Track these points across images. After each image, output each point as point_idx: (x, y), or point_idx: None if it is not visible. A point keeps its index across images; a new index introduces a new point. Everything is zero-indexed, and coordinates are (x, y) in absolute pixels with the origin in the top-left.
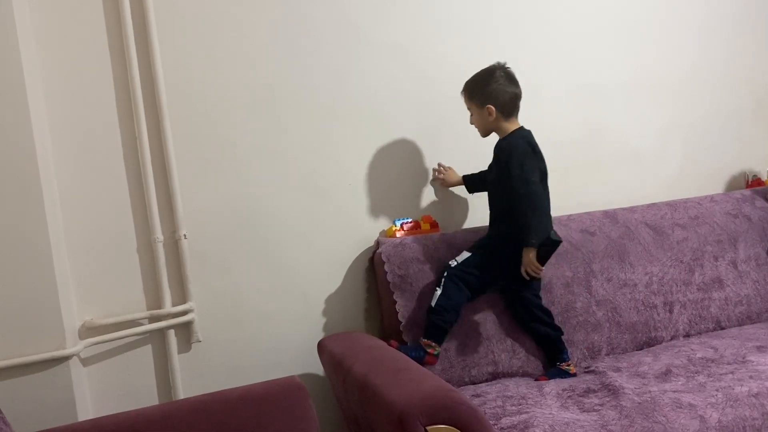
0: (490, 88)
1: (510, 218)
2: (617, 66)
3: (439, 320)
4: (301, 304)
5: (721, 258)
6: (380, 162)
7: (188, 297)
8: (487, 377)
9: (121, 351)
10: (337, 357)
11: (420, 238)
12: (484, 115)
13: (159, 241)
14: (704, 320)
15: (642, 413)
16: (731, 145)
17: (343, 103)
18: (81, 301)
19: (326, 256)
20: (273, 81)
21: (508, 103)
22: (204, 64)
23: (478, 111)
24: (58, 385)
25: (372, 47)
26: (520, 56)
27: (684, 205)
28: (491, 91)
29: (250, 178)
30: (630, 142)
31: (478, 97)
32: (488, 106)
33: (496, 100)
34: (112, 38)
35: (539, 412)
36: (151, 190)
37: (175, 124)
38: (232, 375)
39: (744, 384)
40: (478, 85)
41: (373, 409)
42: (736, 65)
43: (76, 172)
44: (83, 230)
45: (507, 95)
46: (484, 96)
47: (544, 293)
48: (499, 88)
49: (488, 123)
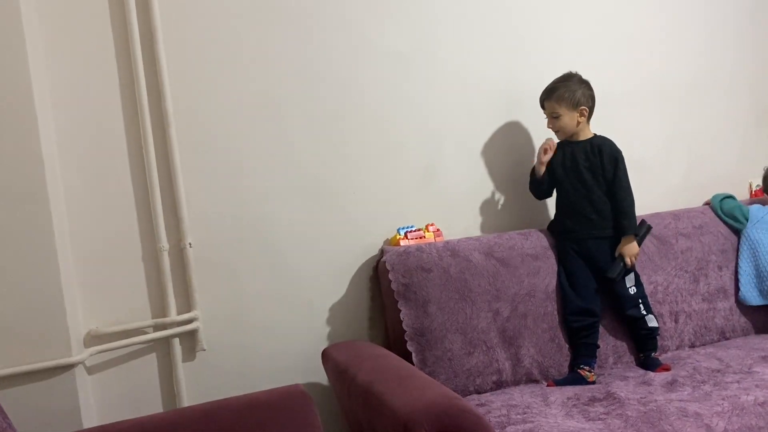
0: (581, 92)
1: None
2: (622, 75)
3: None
4: (305, 312)
5: (725, 268)
6: (384, 170)
7: (193, 305)
8: (491, 386)
9: (126, 359)
10: (341, 365)
11: (424, 246)
12: (574, 117)
13: (164, 250)
14: (709, 331)
15: (648, 422)
16: (735, 154)
17: (347, 112)
18: (86, 310)
19: (331, 264)
20: (278, 90)
21: (592, 107)
22: (210, 73)
23: (569, 113)
24: (63, 393)
25: (375, 55)
26: (524, 66)
27: (688, 215)
28: (582, 94)
29: (255, 187)
30: (634, 152)
31: (570, 100)
32: (582, 108)
33: (587, 102)
34: (119, 47)
35: (544, 421)
36: (157, 198)
37: (180, 133)
38: (237, 383)
39: (750, 393)
40: (569, 89)
41: (378, 417)
42: (740, 74)
43: (83, 180)
44: (89, 238)
45: (592, 100)
46: (575, 99)
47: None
48: (587, 92)
49: (576, 125)
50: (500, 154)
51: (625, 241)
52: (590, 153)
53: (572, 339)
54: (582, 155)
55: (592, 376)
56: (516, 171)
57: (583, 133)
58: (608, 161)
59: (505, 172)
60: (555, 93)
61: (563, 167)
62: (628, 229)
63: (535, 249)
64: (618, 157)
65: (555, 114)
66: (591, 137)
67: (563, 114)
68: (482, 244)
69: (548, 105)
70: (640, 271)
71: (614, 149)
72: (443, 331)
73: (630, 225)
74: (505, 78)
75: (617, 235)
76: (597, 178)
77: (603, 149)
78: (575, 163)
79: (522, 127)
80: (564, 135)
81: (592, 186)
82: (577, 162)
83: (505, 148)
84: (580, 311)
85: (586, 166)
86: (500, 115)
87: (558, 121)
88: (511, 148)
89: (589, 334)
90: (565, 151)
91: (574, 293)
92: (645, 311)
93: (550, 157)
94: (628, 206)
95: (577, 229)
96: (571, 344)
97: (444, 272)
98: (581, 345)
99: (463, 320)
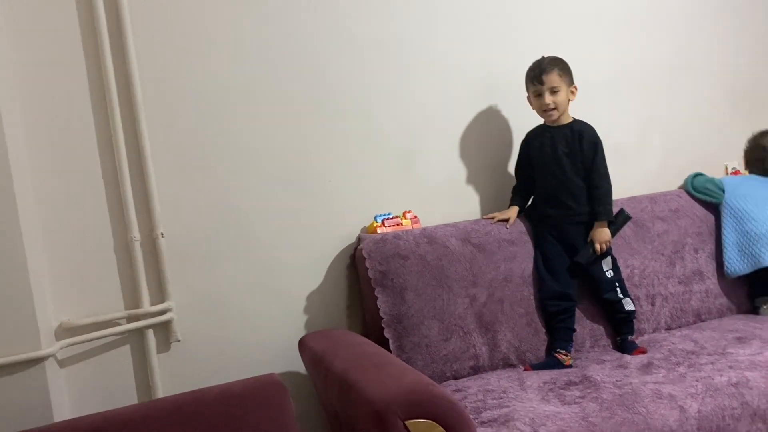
0: (571, 71)
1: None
2: (599, 62)
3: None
4: (282, 301)
5: (701, 250)
6: (361, 158)
7: (167, 296)
8: (468, 371)
9: (99, 351)
10: (317, 354)
11: (401, 233)
12: (567, 94)
13: (136, 240)
14: (685, 314)
15: (622, 405)
16: (711, 138)
17: (323, 99)
18: (57, 302)
19: (307, 253)
20: (252, 77)
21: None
22: (180, 60)
23: (567, 89)
24: (34, 387)
25: (351, 42)
26: (502, 53)
27: (664, 198)
28: (571, 74)
29: (228, 175)
30: (612, 137)
31: (569, 76)
32: (574, 86)
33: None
34: (86, 33)
35: (520, 405)
36: (128, 188)
37: (151, 121)
38: (213, 374)
39: (724, 374)
40: (567, 65)
41: (353, 405)
42: (716, 59)
43: (51, 171)
44: (59, 229)
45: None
46: (571, 77)
47: (527, 286)
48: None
49: (567, 103)
50: (478, 140)
51: (598, 226)
52: (570, 138)
53: (549, 323)
54: (562, 141)
55: (569, 359)
56: (494, 157)
57: (565, 116)
58: (588, 147)
59: (483, 158)
60: (559, 65)
61: (542, 153)
62: (601, 215)
63: (511, 234)
64: (597, 143)
65: (556, 88)
66: (571, 122)
67: (562, 89)
68: (459, 230)
69: (549, 78)
70: (616, 254)
71: (594, 135)
72: (420, 318)
73: (603, 211)
74: (482, 65)
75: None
76: (576, 164)
77: (583, 135)
78: (555, 149)
79: (500, 114)
80: (558, 113)
81: (570, 172)
82: (556, 148)
83: (482, 135)
84: (556, 295)
85: (565, 152)
86: (478, 102)
87: (556, 96)
88: (489, 134)
89: (565, 318)
90: (545, 137)
91: (551, 277)
92: (622, 294)
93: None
94: (603, 193)
95: (555, 214)
96: (548, 328)
97: (421, 259)
98: (558, 329)
99: (440, 306)
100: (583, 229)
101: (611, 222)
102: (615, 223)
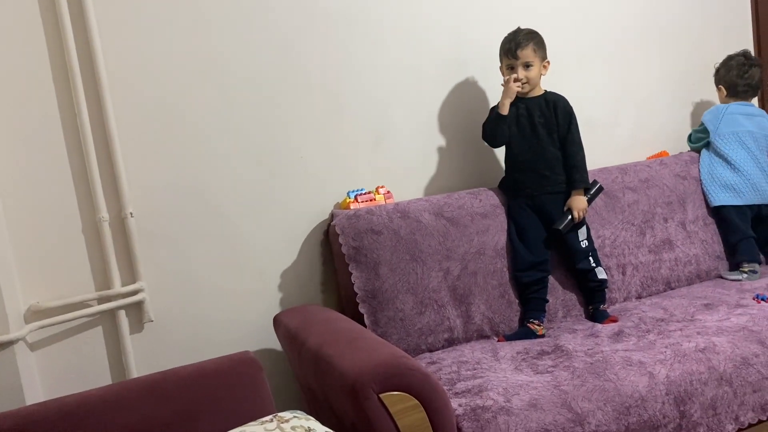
0: (545, 46)
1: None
2: (569, 35)
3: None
4: (256, 279)
5: (671, 219)
6: (332, 134)
7: (138, 276)
8: (443, 344)
9: (70, 334)
10: (292, 330)
11: (374, 208)
12: (540, 69)
13: (105, 221)
14: (656, 282)
15: (594, 372)
16: (681, 108)
17: (290, 74)
18: (26, 285)
19: (280, 230)
20: (219, 52)
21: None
22: (146, 33)
23: (540, 63)
24: (4, 371)
25: (320, 17)
26: (472, 27)
27: (634, 169)
28: (545, 48)
29: (198, 153)
30: (583, 110)
31: (543, 51)
32: (547, 60)
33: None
34: (45, 8)
35: (493, 375)
36: (94, 167)
37: (116, 97)
38: (188, 354)
39: (692, 340)
40: (542, 39)
41: (328, 380)
42: (685, 30)
43: (14, 151)
44: (25, 212)
45: None
46: (545, 51)
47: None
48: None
49: (539, 77)
50: (449, 114)
51: (575, 194)
52: (545, 108)
53: (522, 294)
54: (537, 111)
55: (542, 329)
56: (465, 131)
57: (537, 89)
58: (562, 118)
59: (455, 132)
60: (535, 39)
61: (517, 123)
62: (579, 183)
63: (484, 207)
64: (571, 113)
65: (530, 63)
66: (544, 93)
67: (536, 64)
68: (432, 204)
69: (524, 53)
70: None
71: (568, 106)
72: (394, 292)
73: (581, 179)
74: (452, 39)
75: (570, 190)
76: (551, 134)
77: (558, 106)
78: (530, 119)
79: (470, 87)
80: (529, 87)
81: (546, 142)
82: (532, 118)
83: (454, 109)
84: (530, 265)
85: (541, 122)
86: (448, 76)
87: (530, 71)
88: (460, 108)
89: (539, 289)
90: (519, 108)
91: (524, 248)
92: (594, 263)
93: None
94: (580, 161)
95: (531, 184)
96: (521, 299)
97: (394, 234)
98: (531, 300)
99: (414, 280)
100: (561, 199)
101: (587, 190)
102: (591, 192)
